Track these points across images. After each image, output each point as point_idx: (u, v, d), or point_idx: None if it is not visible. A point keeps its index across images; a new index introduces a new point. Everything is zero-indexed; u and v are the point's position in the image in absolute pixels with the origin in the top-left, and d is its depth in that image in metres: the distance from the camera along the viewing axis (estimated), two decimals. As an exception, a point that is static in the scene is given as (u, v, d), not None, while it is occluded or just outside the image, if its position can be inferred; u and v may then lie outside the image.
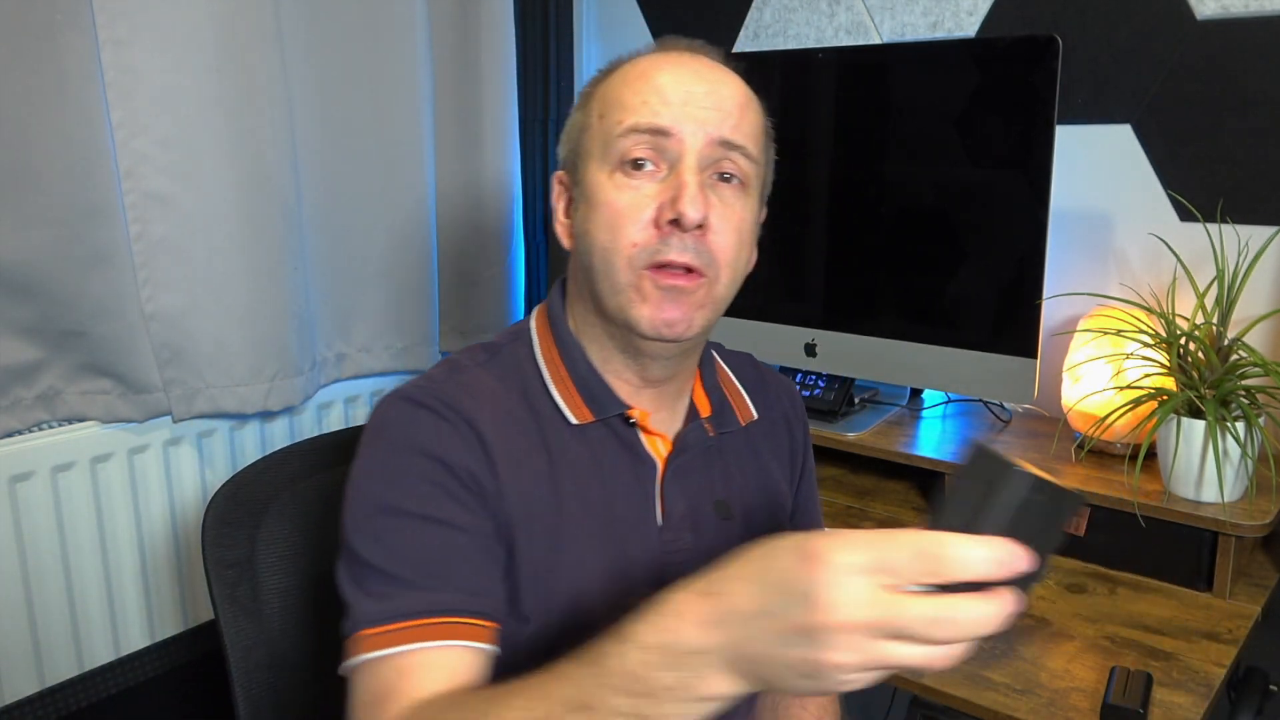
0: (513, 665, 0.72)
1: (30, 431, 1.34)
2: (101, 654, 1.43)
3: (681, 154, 0.76)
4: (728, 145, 0.78)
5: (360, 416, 1.74)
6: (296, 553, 0.97)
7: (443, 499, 0.73)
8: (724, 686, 0.51)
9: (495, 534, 0.75)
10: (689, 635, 0.52)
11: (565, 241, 0.84)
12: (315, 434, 1.65)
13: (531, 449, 0.79)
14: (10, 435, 1.32)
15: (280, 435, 1.61)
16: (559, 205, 0.85)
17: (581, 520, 0.79)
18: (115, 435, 1.41)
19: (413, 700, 0.66)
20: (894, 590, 0.47)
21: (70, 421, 1.38)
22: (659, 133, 0.76)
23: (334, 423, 1.69)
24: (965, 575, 0.47)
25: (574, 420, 0.81)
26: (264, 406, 1.47)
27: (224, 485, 0.95)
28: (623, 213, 0.76)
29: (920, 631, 0.47)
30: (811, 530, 0.94)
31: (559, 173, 0.85)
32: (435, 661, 0.69)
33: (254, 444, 1.58)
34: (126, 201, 1.33)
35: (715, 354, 0.96)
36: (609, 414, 0.82)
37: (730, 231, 0.78)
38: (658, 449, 0.85)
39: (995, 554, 0.48)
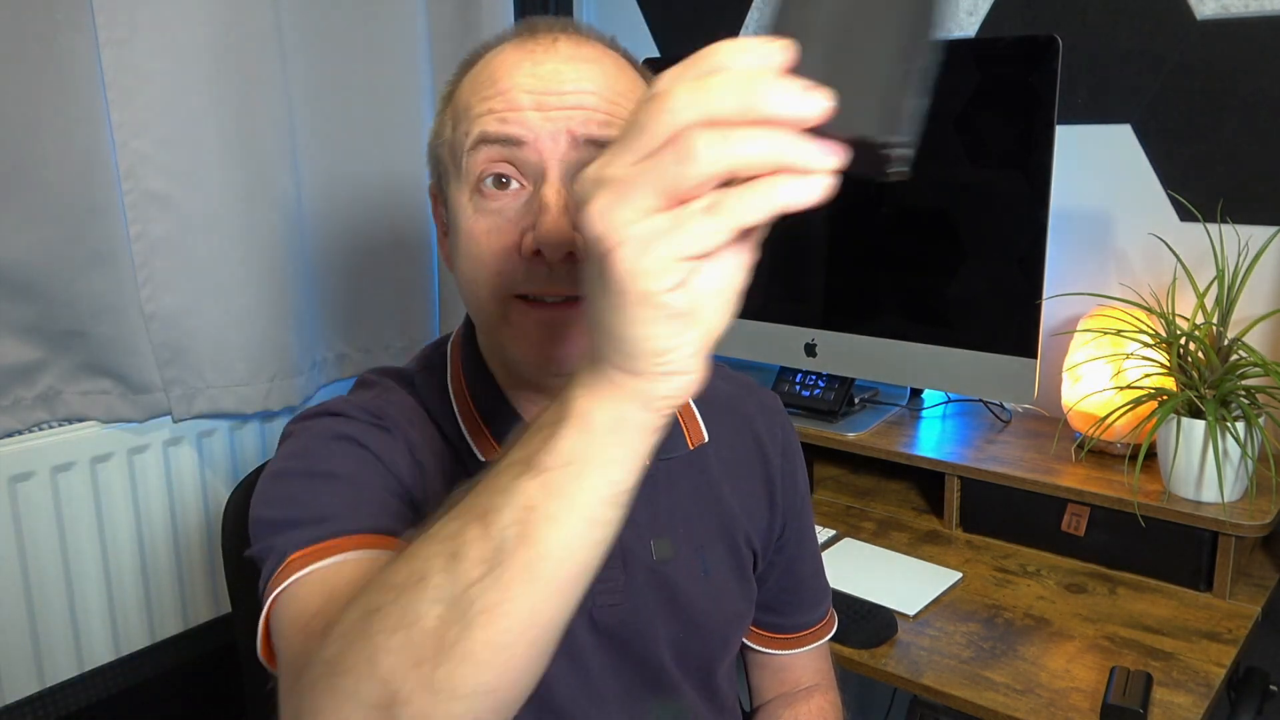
0: None
1: (30, 431, 1.34)
2: (101, 654, 1.43)
3: (543, 167, 0.64)
4: (599, 144, 0.64)
5: (360, 416, 1.74)
6: None
7: (351, 456, 0.68)
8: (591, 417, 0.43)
9: (412, 508, 0.69)
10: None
11: (452, 270, 0.72)
12: (315, 434, 1.65)
13: (447, 482, 0.72)
14: (10, 435, 1.32)
15: (280, 435, 1.61)
16: (439, 225, 0.75)
17: None
18: (115, 435, 1.41)
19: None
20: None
21: (70, 421, 1.38)
22: (511, 142, 0.64)
23: (334, 423, 1.69)
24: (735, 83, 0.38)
25: (482, 458, 0.73)
26: (264, 406, 1.47)
27: (246, 478, 0.96)
28: (481, 240, 0.66)
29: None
30: (805, 561, 0.89)
31: (431, 187, 0.75)
32: (370, 566, 0.60)
33: (254, 444, 1.58)
34: (126, 201, 1.33)
35: None
36: None
37: None
38: None
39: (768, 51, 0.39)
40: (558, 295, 0.65)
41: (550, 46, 0.67)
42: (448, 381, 0.76)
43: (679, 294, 0.38)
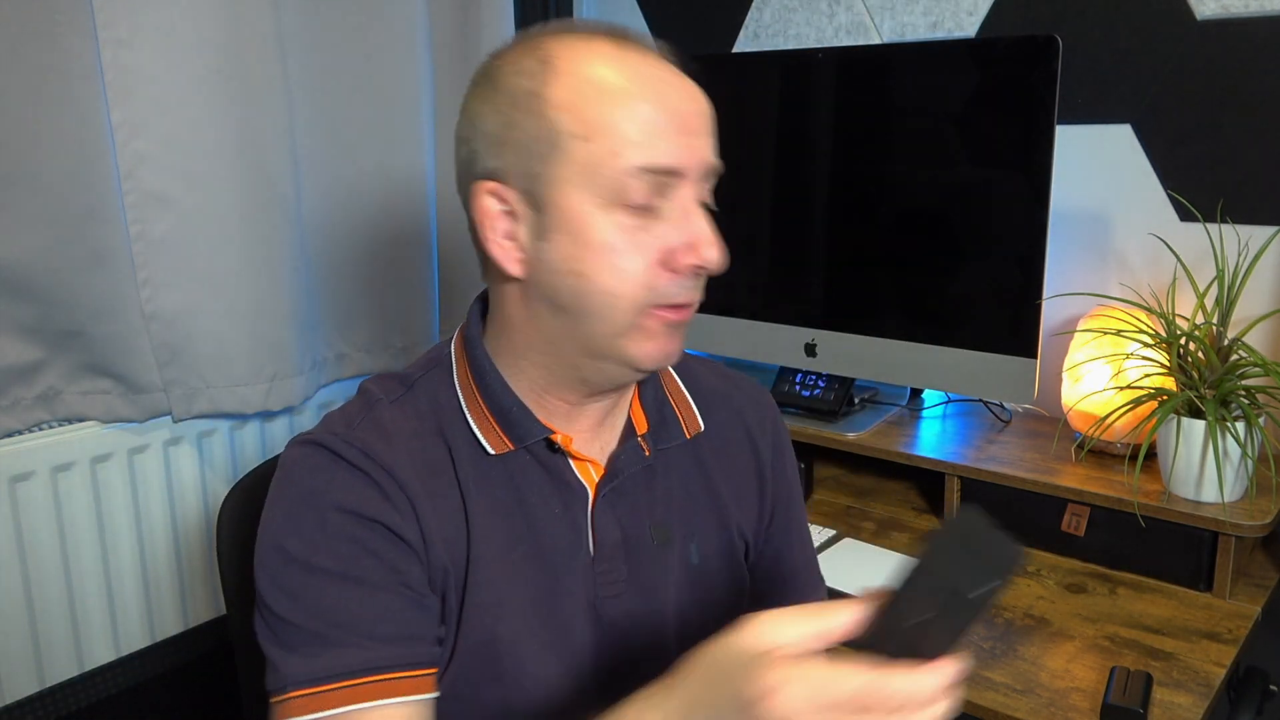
0: (470, 689, 0.72)
1: (30, 431, 1.34)
2: (101, 654, 1.43)
3: (685, 190, 0.70)
4: (714, 171, 0.73)
5: (360, 416, 1.74)
6: None
7: (361, 556, 0.69)
8: None
9: (426, 583, 0.71)
10: None
11: (513, 269, 0.72)
12: (315, 434, 1.65)
13: (445, 489, 0.73)
14: (10, 435, 1.32)
15: (280, 435, 1.61)
16: (495, 223, 0.73)
17: (498, 558, 0.73)
18: (115, 435, 1.41)
19: None
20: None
21: (70, 421, 1.38)
22: (670, 173, 0.69)
23: (334, 423, 1.69)
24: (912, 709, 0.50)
25: (491, 451, 0.75)
26: (264, 406, 1.47)
27: (242, 479, 0.96)
28: (628, 255, 0.69)
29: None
30: (794, 549, 0.90)
31: (490, 184, 0.72)
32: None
33: (254, 444, 1.58)
34: (126, 201, 1.33)
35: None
36: (529, 441, 0.75)
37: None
38: (589, 474, 0.78)
39: (940, 681, 0.50)
40: (690, 302, 0.73)
41: (659, 62, 0.71)
42: (454, 379, 0.78)
43: None
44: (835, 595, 1.15)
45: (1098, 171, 1.48)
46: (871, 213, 1.49)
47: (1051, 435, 1.44)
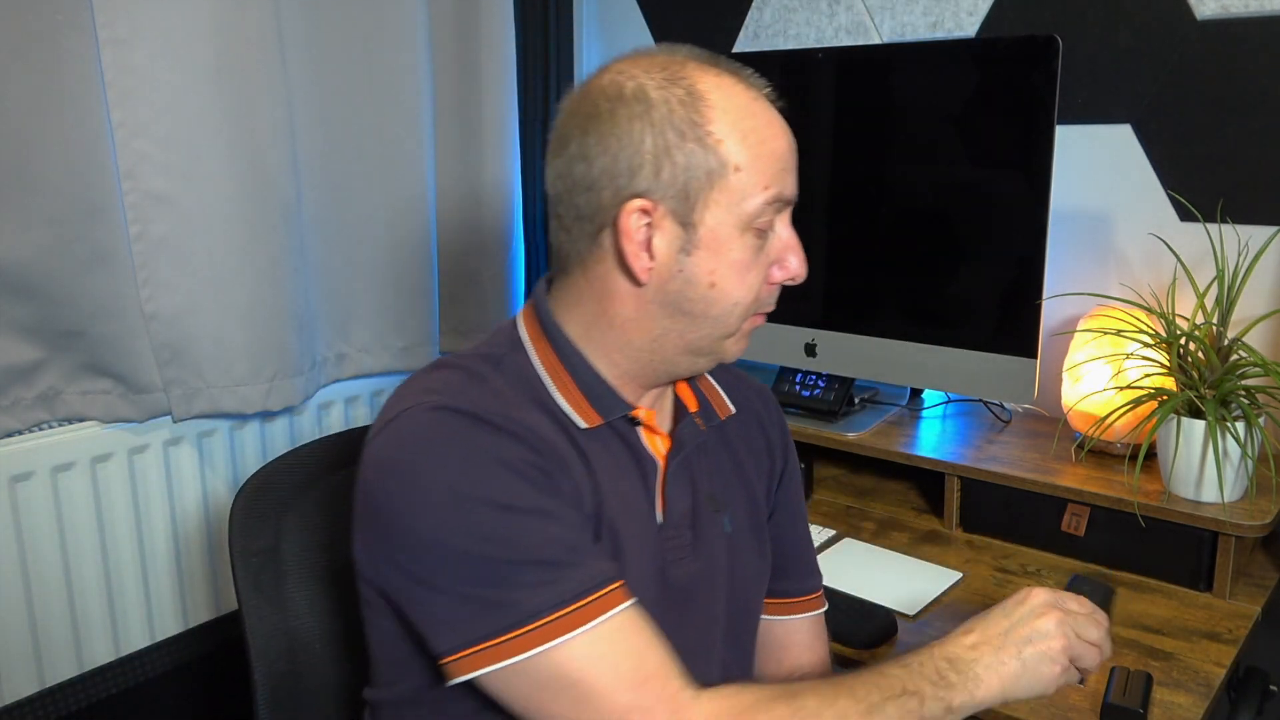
0: None
1: (30, 431, 1.34)
2: (101, 654, 1.43)
3: (785, 214, 0.83)
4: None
5: (361, 417, 1.74)
6: (321, 544, 0.99)
7: (543, 494, 0.73)
8: (991, 682, 0.76)
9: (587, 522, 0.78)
10: (963, 650, 0.78)
11: (642, 276, 0.78)
12: (315, 434, 1.65)
13: (571, 452, 0.78)
14: (10, 435, 1.32)
15: (280, 435, 1.61)
16: (638, 235, 0.77)
17: (611, 521, 0.79)
18: (115, 435, 1.41)
19: (667, 673, 0.70)
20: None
21: (70, 421, 1.38)
22: (788, 204, 0.82)
23: (334, 423, 1.69)
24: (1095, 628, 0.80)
25: (583, 425, 0.80)
26: (264, 406, 1.47)
27: (253, 475, 0.97)
28: (753, 270, 0.80)
29: (1083, 637, 0.79)
30: (795, 530, 0.99)
31: (644, 203, 0.77)
32: (632, 624, 0.71)
33: (254, 444, 1.58)
34: (126, 201, 1.33)
35: None
36: (614, 415, 0.82)
37: None
38: (657, 447, 0.85)
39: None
40: (773, 309, 0.86)
41: (771, 99, 0.82)
42: (532, 359, 0.83)
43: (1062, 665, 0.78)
44: (836, 595, 1.15)
45: (1098, 171, 1.48)
46: (871, 213, 1.49)
47: (1051, 435, 1.44)
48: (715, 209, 0.77)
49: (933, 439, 1.48)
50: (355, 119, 1.58)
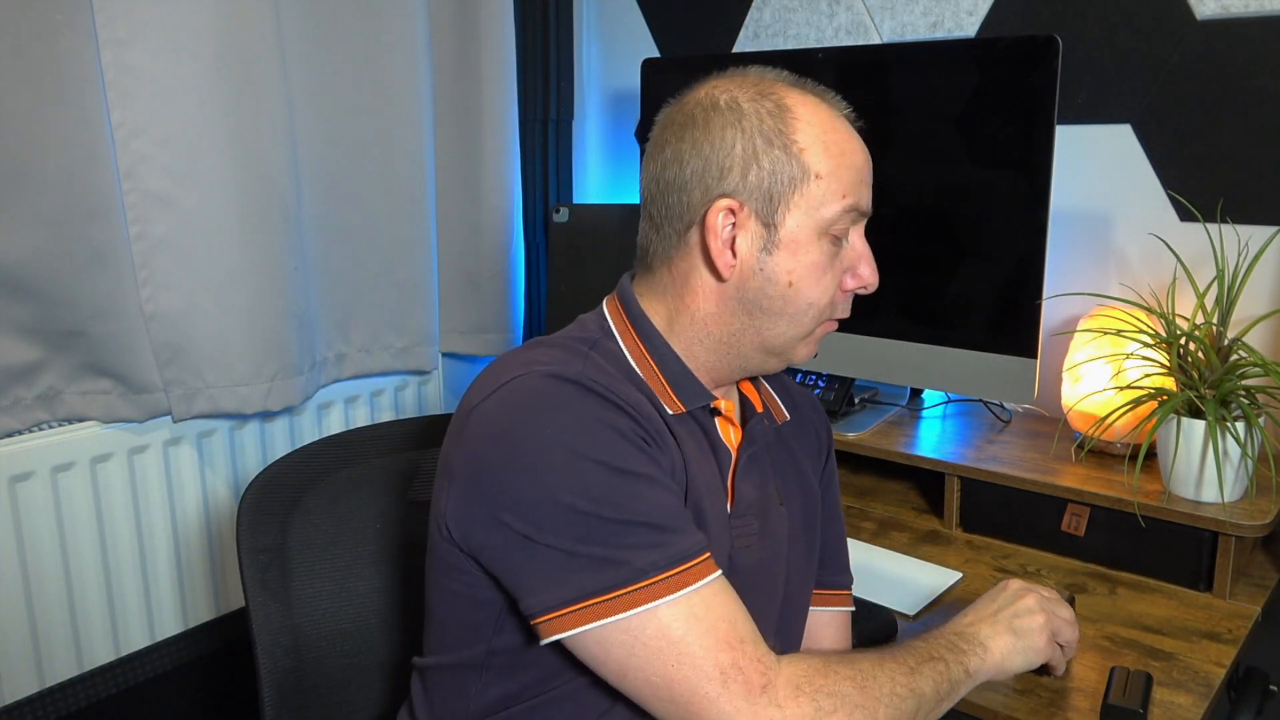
0: None
1: (30, 431, 1.34)
2: (101, 654, 1.43)
3: (861, 225, 0.88)
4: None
5: (360, 417, 1.74)
6: (326, 542, 1.00)
7: (652, 464, 0.77)
8: (995, 649, 0.86)
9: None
10: (964, 626, 0.88)
11: (725, 272, 0.83)
12: (315, 434, 1.65)
13: (664, 433, 0.82)
14: (10, 435, 1.32)
15: (280, 435, 1.61)
16: (724, 233, 0.83)
17: (697, 501, 0.83)
18: (115, 435, 1.41)
19: (755, 637, 0.74)
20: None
21: (70, 421, 1.38)
22: (863, 214, 0.88)
23: (334, 423, 1.70)
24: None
25: (670, 411, 0.84)
26: (264, 406, 1.47)
27: (261, 473, 0.98)
28: (828, 274, 0.85)
29: (1058, 615, 0.93)
30: (831, 527, 1.08)
31: (731, 202, 0.82)
32: (726, 592, 0.75)
33: (254, 444, 1.58)
34: (126, 201, 1.33)
35: None
36: (697, 405, 0.86)
37: None
38: (730, 439, 0.90)
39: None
40: (846, 316, 0.90)
41: (850, 120, 0.88)
42: (622, 349, 0.86)
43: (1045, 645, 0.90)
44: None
45: (1098, 171, 1.48)
46: (871, 212, 1.49)
47: (1051, 435, 1.44)
48: (796, 213, 0.83)
49: (933, 439, 1.48)
50: (355, 119, 1.58)
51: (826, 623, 1.04)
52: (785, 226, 0.83)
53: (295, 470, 1.00)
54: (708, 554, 0.76)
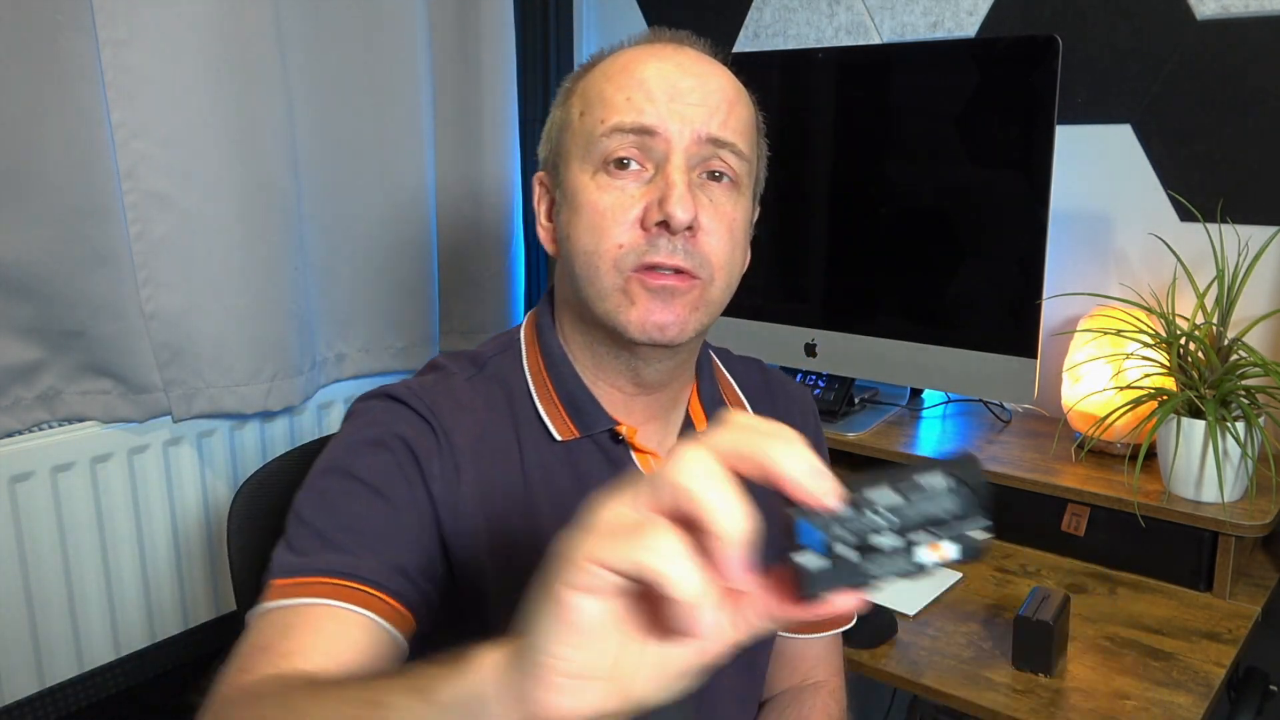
0: None
1: (30, 431, 1.34)
2: (101, 654, 1.43)
3: (668, 153, 0.73)
4: (717, 143, 0.74)
5: (360, 416, 1.74)
6: None
7: (398, 480, 0.72)
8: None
9: (438, 542, 0.73)
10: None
11: (549, 247, 0.80)
12: (315, 434, 1.65)
13: (507, 474, 0.76)
14: (10, 435, 1.32)
15: (280, 435, 1.61)
16: (540, 208, 0.81)
17: (535, 536, 0.75)
18: (115, 435, 1.41)
19: (285, 659, 0.63)
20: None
21: (70, 421, 1.38)
22: (644, 131, 0.73)
23: (334, 423, 1.69)
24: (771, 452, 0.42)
25: (558, 437, 0.78)
26: (264, 406, 1.47)
27: (253, 475, 0.98)
28: (606, 214, 0.73)
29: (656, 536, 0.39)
30: None
31: (540, 174, 0.81)
32: (330, 626, 0.65)
33: (254, 444, 1.58)
34: (126, 201, 1.33)
35: (719, 361, 0.92)
36: (595, 430, 0.78)
37: (722, 232, 0.74)
38: (649, 467, 0.80)
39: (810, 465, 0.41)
40: (672, 266, 0.72)
41: (678, 49, 0.78)
42: (523, 363, 0.81)
43: (591, 604, 0.39)
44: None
45: (1098, 171, 1.48)
46: (872, 213, 1.49)
47: (1051, 435, 1.44)
48: (572, 161, 0.76)
49: (933, 439, 1.48)
50: (355, 118, 1.58)
51: (814, 645, 0.97)
52: (565, 179, 0.77)
53: (286, 472, 0.99)
54: (343, 580, 0.67)
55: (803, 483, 0.40)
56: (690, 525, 0.39)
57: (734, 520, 0.39)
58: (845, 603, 0.42)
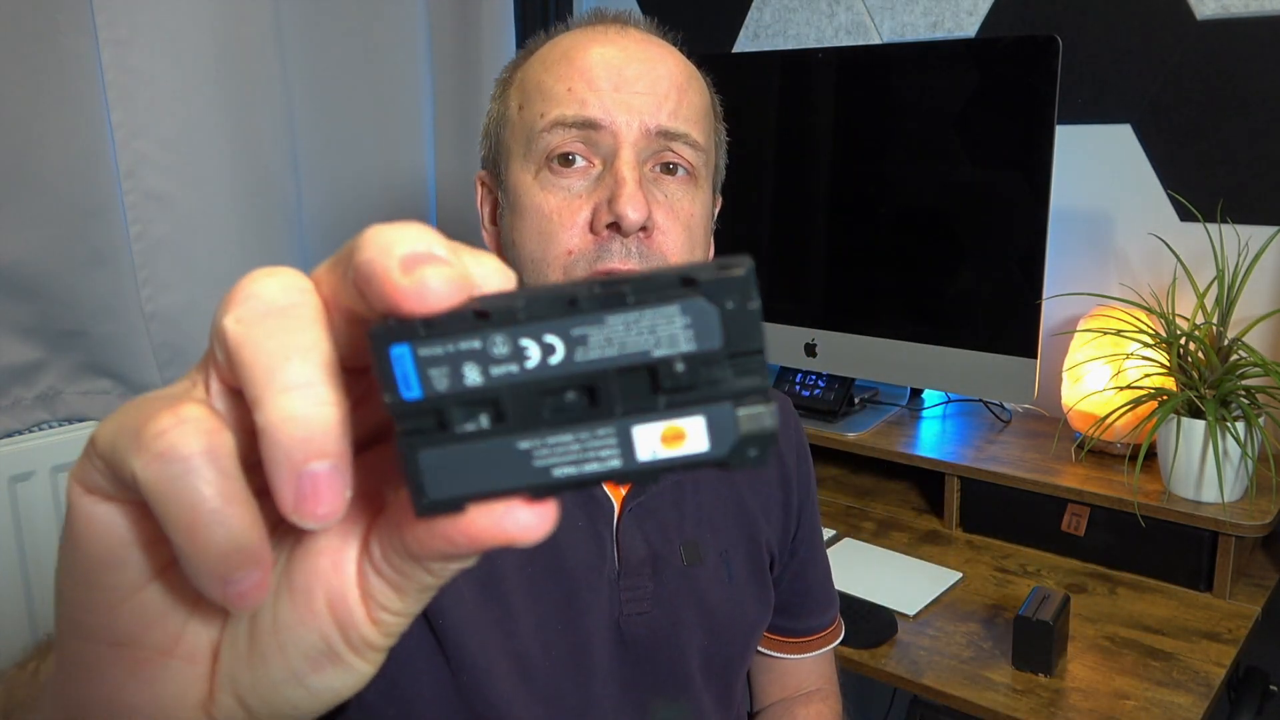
0: (450, 713, 0.68)
1: (30, 431, 1.34)
2: (101, 654, 1.43)
3: (616, 148, 0.67)
4: (668, 135, 0.68)
5: (360, 416, 1.74)
6: None
7: None
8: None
9: None
10: None
11: (495, 251, 0.74)
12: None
13: None
14: (10, 435, 1.32)
15: (280, 435, 1.61)
16: (484, 211, 0.75)
17: (518, 570, 0.70)
18: (115, 435, 1.41)
19: None
20: None
21: (70, 421, 1.38)
22: (588, 125, 0.66)
23: (334, 423, 1.69)
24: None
25: None
26: (264, 406, 1.47)
27: None
28: (552, 217, 0.67)
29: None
30: (815, 567, 0.88)
31: (480, 173, 0.75)
32: None
33: (254, 444, 1.58)
34: (126, 201, 1.33)
35: None
36: None
37: (679, 230, 0.68)
38: (615, 489, 0.75)
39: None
40: (617, 269, 0.65)
41: (622, 32, 0.70)
42: None
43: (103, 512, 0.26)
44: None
45: (1098, 171, 1.48)
46: (872, 213, 1.49)
47: (1051, 435, 1.44)
48: (513, 160, 0.69)
49: (933, 439, 1.48)
50: (355, 118, 1.58)
51: (811, 667, 0.95)
52: (506, 180, 0.70)
53: None
54: None
55: (404, 271, 0.24)
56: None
57: (302, 398, 0.23)
58: (502, 520, 0.24)
